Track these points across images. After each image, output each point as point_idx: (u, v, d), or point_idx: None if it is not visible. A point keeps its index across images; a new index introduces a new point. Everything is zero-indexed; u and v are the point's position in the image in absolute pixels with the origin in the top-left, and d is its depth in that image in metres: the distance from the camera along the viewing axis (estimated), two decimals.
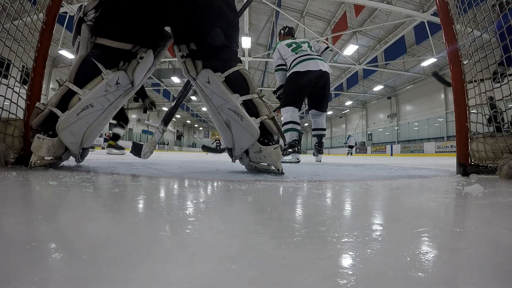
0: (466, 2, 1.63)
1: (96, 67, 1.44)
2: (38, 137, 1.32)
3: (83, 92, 1.38)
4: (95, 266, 0.29)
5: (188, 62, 1.57)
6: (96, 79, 1.43)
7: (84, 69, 1.42)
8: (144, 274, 0.28)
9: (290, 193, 0.92)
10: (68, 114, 1.34)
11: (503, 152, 1.47)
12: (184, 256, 0.33)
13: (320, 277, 0.28)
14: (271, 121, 1.45)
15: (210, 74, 1.51)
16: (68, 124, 1.34)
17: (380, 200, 0.87)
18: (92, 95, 1.40)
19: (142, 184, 1.01)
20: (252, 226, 0.49)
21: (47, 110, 1.33)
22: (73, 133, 1.39)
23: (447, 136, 16.44)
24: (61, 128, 1.33)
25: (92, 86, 1.41)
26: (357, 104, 26.00)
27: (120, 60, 1.53)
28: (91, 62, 1.43)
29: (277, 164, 1.48)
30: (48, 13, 1.70)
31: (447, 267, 0.32)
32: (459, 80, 1.68)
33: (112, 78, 1.47)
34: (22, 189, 0.85)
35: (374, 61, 15.12)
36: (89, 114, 1.42)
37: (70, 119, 1.34)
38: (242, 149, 1.54)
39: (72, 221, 0.48)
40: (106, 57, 1.47)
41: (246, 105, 1.46)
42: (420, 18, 10.34)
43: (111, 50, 1.48)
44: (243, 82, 1.50)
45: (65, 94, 1.37)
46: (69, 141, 1.40)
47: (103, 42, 1.48)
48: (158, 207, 0.64)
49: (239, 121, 1.44)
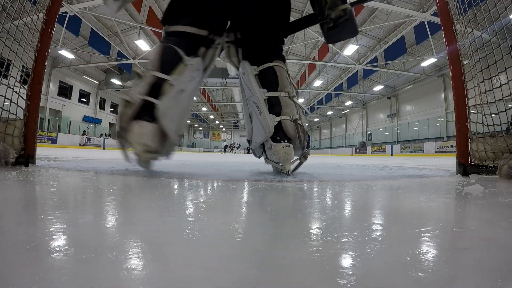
0: (466, 2, 1.63)
1: (177, 54, 1.39)
2: (138, 124, 1.19)
3: (173, 78, 1.31)
4: (95, 266, 0.29)
5: (232, 48, 1.65)
6: (180, 65, 1.38)
7: (166, 56, 1.38)
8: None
9: (290, 193, 0.92)
10: (168, 98, 1.26)
11: (503, 152, 1.47)
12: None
13: (320, 277, 0.28)
14: (291, 123, 1.42)
15: (246, 66, 1.56)
16: (169, 109, 1.27)
17: (380, 200, 0.87)
18: (183, 79, 1.35)
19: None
20: (252, 227, 0.49)
21: (140, 100, 1.23)
22: (173, 119, 1.33)
23: (447, 136, 16.42)
24: (162, 115, 1.23)
25: (179, 72, 1.35)
26: (357, 104, 25.97)
27: (200, 47, 1.52)
28: (172, 49, 1.39)
29: (285, 164, 1.41)
30: (48, 13, 1.69)
31: (447, 267, 0.32)
32: (459, 80, 1.68)
33: (194, 63, 1.44)
34: (22, 189, 0.85)
35: (374, 61, 15.10)
36: (183, 99, 1.39)
37: (170, 103, 1.27)
38: (257, 144, 1.57)
39: (72, 221, 0.48)
40: (184, 44, 1.45)
41: (270, 102, 1.46)
42: (420, 18, 10.33)
43: (189, 36, 1.47)
44: (274, 79, 1.51)
45: (153, 83, 1.28)
46: (170, 128, 1.30)
47: (180, 29, 1.47)
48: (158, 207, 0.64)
49: (258, 115, 1.46)
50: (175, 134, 1.38)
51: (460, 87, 1.67)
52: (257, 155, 1.80)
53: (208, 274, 0.28)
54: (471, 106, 1.65)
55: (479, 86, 1.59)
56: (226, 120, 37.24)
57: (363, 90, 21.69)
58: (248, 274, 0.29)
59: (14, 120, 1.53)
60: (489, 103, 1.56)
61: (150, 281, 0.26)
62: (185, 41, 1.46)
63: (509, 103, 1.51)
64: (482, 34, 1.56)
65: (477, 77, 1.60)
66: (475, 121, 1.63)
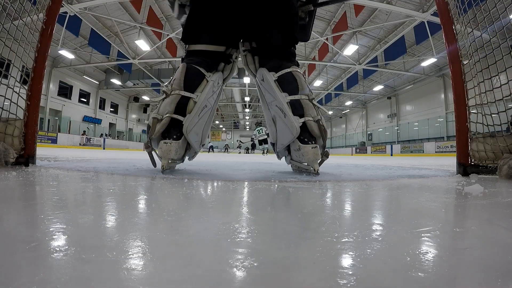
0: (466, 2, 1.63)
1: (199, 72, 1.56)
2: (165, 142, 1.38)
3: (196, 95, 1.49)
4: (95, 266, 0.29)
5: (249, 56, 1.77)
6: (203, 82, 1.55)
7: (189, 76, 1.53)
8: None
9: (290, 193, 0.92)
10: (192, 116, 1.43)
11: (503, 152, 1.47)
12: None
13: (320, 277, 0.28)
14: (315, 123, 1.49)
15: (264, 73, 1.64)
16: (193, 126, 1.44)
17: (380, 200, 0.87)
18: (205, 96, 1.50)
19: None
20: (251, 227, 0.49)
21: (167, 118, 1.41)
22: (196, 132, 1.50)
23: (447, 136, 16.42)
24: (189, 130, 1.42)
25: (201, 89, 1.53)
26: (357, 104, 25.96)
27: (219, 62, 1.71)
28: (194, 69, 1.55)
29: (313, 164, 1.49)
30: (48, 13, 1.69)
31: (447, 267, 0.32)
32: (459, 80, 1.68)
33: (215, 79, 1.60)
34: (22, 189, 0.85)
35: (374, 61, 15.10)
36: (205, 114, 1.54)
37: (194, 121, 1.44)
38: (283, 145, 1.64)
39: (72, 221, 0.48)
40: (205, 62, 1.61)
41: (293, 105, 1.52)
42: (420, 18, 10.32)
43: (208, 53, 1.64)
44: (294, 83, 1.59)
45: (179, 101, 1.45)
46: (194, 140, 1.50)
47: (199, 48, 1.64)
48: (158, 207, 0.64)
49: (283, 118, 1.53)
50: (198, 145, 1.59)
51: (460, 87, 1.67)
52: (280, 157, 1.90)
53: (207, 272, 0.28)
54: (471, 106, 1.64)
55: (479, 86, 1.59)
56: (226, 120, 37.26)
57: (363, 90, 21.69)
58: (247, 274, 0.29)
59: (14, 120, 1.53)
60: (489, 103, 1.56)
61: (150, 281, 0.26)
62: (205, 58, 1.63)
63: (509, 103, 1.51)
64: (482, 34, 1.56)
65: (477, 77, 1.60)
66: (475, 121, 1.63)
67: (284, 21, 1.64)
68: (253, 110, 30.44)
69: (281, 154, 1.82)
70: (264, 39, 1.69)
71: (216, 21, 1.60)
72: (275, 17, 1.61)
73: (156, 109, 1.47)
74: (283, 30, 1.66)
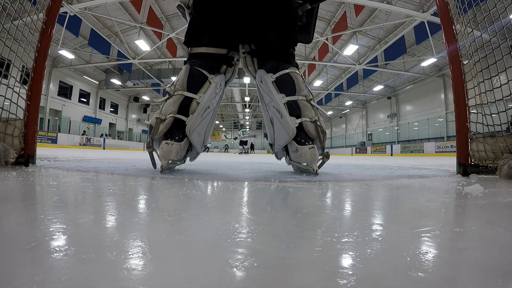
0: (466, 2, 1.63)
1: (202, 74, 1.58)
2: (167, 143, 1.37)
3: (199, 96, 1.50)
4: (95, 266, 0.29)
5: (248, 58, 1.78)
6: (205, 84, 1.56)
7: (192, 77, 1.55)
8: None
9: (290, 193, 0.92)
10: (195, 117, 1.43)
11: (503, 152, 1.47)
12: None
13: (320, 277, 0.28)
14: (311, 124, 1.49)
15: (263, 75, 1.66)
16: (196, 126, 1.45)
17: (380, 200, 0.87)
18: (208, 97, 1.51)
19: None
20: (251, 227, 0.49)
21: (171, 118, 1.41)
22: (199, 133, 1.51)
23: (447, 136, 16.41)
24: (191, 130, 1.41)
25: (204, 90, 1.54)
26: (357, 104, 25.96)
27: (222, 65, 1.72)
28: (197, 70, 1.57)
29: (312, 165, 1.50)
30: (48, 13, 1.69)
31: (447, 267, 0.32)
32: (459, 80, 1.68)
33: (218, 80, 1.62)
34: (22, 189, 0.85)
35: (374, 61, 15.09)
36: (208, 115, 1.56)
37: (196, 121, 1.44)
38: (280, 146, 1.65)
39: (72, 221, 0.48)
40: (208, 64, 1.63)
41: (290, 106, 1.53)
42: (420, 18, 10.32)
43: (210, 56, 1.66)
44: (291, 84, 1.59)
45: (182, 101, 1.46)
46: (196, 141, 1.50)
47: (201, 50, 1.67)
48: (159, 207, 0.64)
49: (279, 119, 1.53)
50: (200, 146, 1.59)
51: (460, 87, 1.67)
52: (279, 158, 1.92)
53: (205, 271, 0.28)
54: (471, 106, 1.64)
55: (479, 86, 1.59)
56: (226, 120, 37.25)
57: (363, 90, 21.68)
58: (247, 274, 0.29)
59: (14, 120, 1.53)
60: (489, 103, 1.56)
61: (150, 281, 0.26)
62: (208, 60, 1.64)
63: (509, 103, 1.51)
64: (482, 34, 1.56)
65: (477, 77, 1.60)
66: (475, 121, 1.63)
67: (282, 23, 1.64)
68: (253, 110, 30.45)
69: (280, 155, 1.83)
70: (262, 41, 1.70)
71: (217, 24, 1.62)
72: (273, 19, 1.62)
73: (159, 109, 1.47)
74: (281, 32, 1.67)
